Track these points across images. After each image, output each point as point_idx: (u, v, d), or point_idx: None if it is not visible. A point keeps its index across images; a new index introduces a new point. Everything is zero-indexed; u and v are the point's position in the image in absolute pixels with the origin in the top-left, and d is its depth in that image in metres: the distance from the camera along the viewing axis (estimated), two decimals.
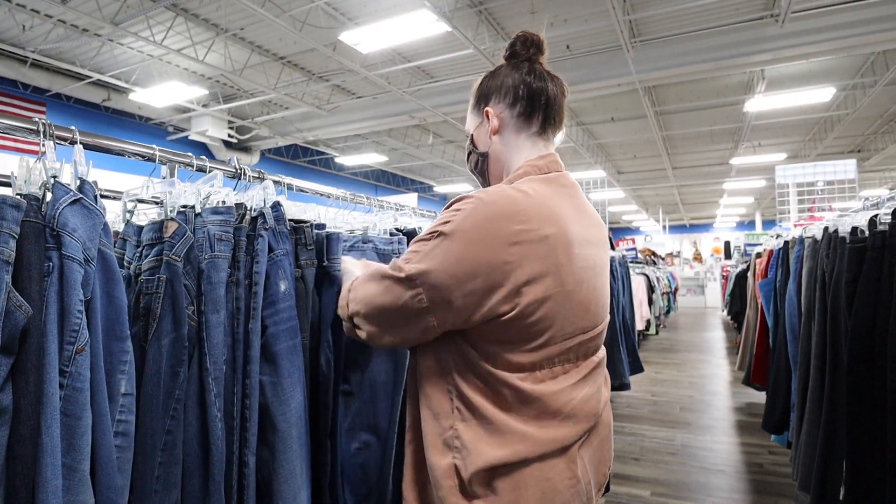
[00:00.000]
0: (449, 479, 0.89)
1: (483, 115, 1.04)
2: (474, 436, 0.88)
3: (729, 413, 4.68)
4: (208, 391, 0.98)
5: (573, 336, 0.92)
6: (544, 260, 0.86)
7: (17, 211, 0.77)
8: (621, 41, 6.05)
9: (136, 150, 1.10)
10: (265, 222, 1.11)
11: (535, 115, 1.01)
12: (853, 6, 5.52)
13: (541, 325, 0.87)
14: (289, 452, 1.07)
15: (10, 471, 0.72)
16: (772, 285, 2.99)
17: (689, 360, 7.23)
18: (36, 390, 0.74)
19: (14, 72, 6.87)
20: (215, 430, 0.98)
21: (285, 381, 1.08)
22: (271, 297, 1.10)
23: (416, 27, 5.38)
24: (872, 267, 1.51)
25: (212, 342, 1.00)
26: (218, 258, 1.04)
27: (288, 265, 1.15)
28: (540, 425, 0.89)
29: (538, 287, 0.86)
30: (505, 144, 1.03)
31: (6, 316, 0.72)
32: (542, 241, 0.86)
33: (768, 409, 2.80)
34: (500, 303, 0.85)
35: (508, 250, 0.84)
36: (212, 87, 8.14)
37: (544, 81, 1.01)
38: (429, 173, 14.98)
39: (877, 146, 11.18)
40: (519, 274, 0.85)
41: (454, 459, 0.89)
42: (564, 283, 0.89)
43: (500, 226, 0.85)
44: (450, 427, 0.90)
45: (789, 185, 5.65)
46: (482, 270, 0.85)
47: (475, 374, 0.90)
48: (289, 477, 1.07)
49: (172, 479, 0.94)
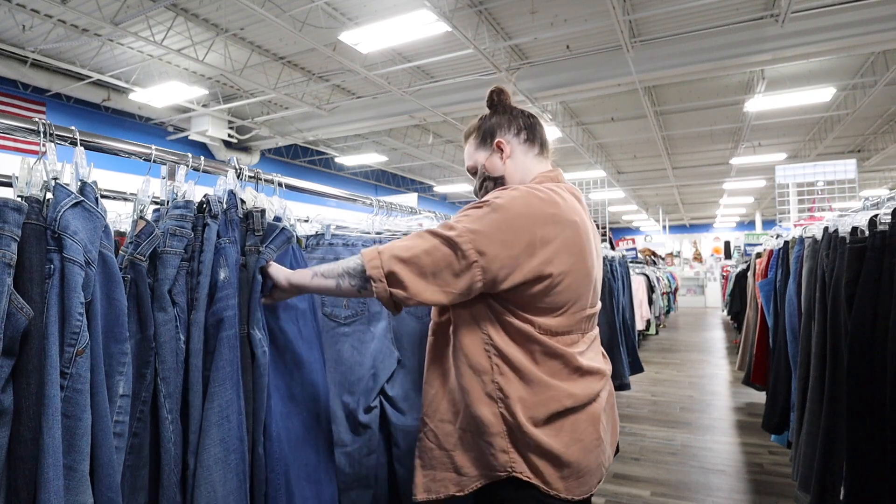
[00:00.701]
0: (496, 426, 1.07)
1: (494, 146, 1.27)
2: (513, 388, 1.07)
3: (729, 413, 4.68)
4: (158, 392, 0.96)
5: (583, 309, 1.15)
6: (572, 240, 1.10)
7: (18, 214, 0.77)
8: (621, 41, 6.05)
9: (136, 150, 1.10)
10: (210, 210, 1.08)
11: (535, 140, 1.29)
12: (853, 6, 5.51)
13: (565, 295, 1.09)
14: (205, 454, 0.98)
15: (11, 471, 0.73)
16: (772, 285, 2.99)
17: (689, 360, 7.23)
18: (37, 392, 0.74)
19: (14, 72, 6.87)
20: (166, 432, 0.96)
21: (214, 375, 1.01)
22: (212, 288, 1.05)
23: (416, 27, 5.37)
24: (872, 267, 1.51)
25: (159, 341, 0.96)
26: (167, 254, 1.01)
27: (234, 253, 1.11)
28: (567, 380, 1.10)
29: (566, 260, 1.08)
30: (517, 165, 1.26)
31: (7, 318, 0.72)
32: (571, 224, 1.10)
33: (768, 409, 2.80)
34: (537, 268, 1.05)
35: (545, 227, 1.07)
36: (212, 87, 8.14)
37: (532, 117, 1.31)
38: (429, 173, 14.97)
39: (877, 146, 11.17)
40: (551, 247, 1.07)
41: (500, 409, 1.07)
42: (585, 261, 1.12)
43: (540, 208, 1.08)
44: (491, 381, 1.08)
45: (789, 185, 5.65)
46: (523, 239, 1.05)
47: (510, 335, 1.09)
48: (202, 482, 0.97)
49: (140, 481, 0.93)
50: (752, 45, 5.98)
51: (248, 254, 1.14)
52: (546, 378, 1.07)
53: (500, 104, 1.31)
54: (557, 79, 7.13)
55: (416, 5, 5.01)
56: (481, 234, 1.04)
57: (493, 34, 6.39)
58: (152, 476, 0.96)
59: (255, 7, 5.29)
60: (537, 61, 7.31)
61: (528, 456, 1.06)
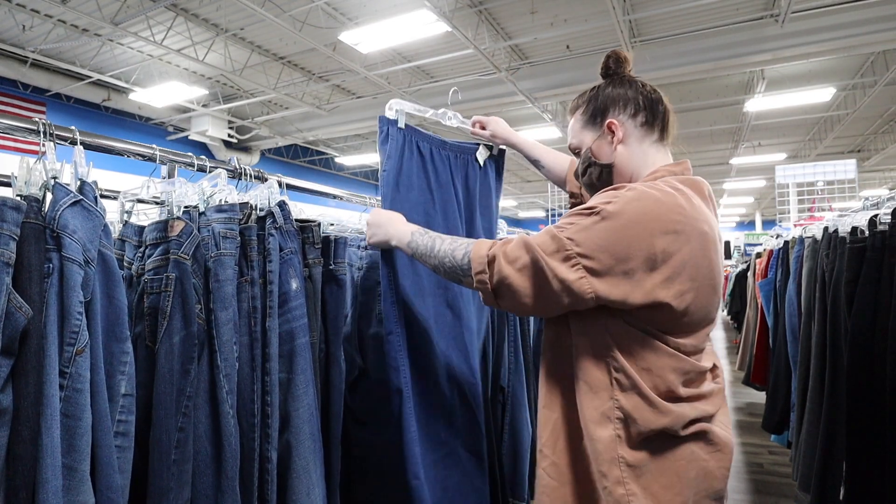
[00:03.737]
0: (611, 451, 0.92)
1: (604, 127, 1.07)
2: (634, 406, 0.91)
3: (729, 413, 4.67)
4: (219, 388, 0.99)
5: (709, 325, 0.98)
6: (700, 252, 0.91)
7: (17, 213, 0.77)
8: (621, 41, 6.05)
9: (136, 150, 1.10)
10: (275, 221, 1.13)
11: (655, 124, 1.06)
12: (853, 6, 5.51)
13: (694, 315, 0.92)
14: (301, 448, 1.09)
15: (10, 471, 0.72)
16: (772, 285, 2.99)
17: None
18: (36, 391, 0.74)
19: (14, 72, 6.87)
20: (228, 426, 0.99)
21: (299, 378, 1.10)
22: (284, 296, 1.11)
23: (415, 27, 5.37)
24: (872, 267, 1.51)
25: (222, 339, 1.01)
26: (224, 255, 1.05)
27: (297, 263, 1.16)
28: (690, 400, 0.94)
29: (692, 275, 0.90)
30: (631, 153, 1.06)
31: (6, 317, 0.72)
32: (700, 235, 0.92)
33: (768, 409, 2.80)
34: (659, 287, 0.88)
35: (665, 238, 0.88)
36: (212, 87, 8.14)
37: (657, 93, 1.08)
38: None
39: (877, 146, 11.17)
40: (675, 262, 0.89)
41: (615, 431, 0.92)
42: (712, 276, 0.94)
43: (660, 214, 0.89)
44: (609, 398, 0.93)
45: (789, 185, 5.64)
46: (639, 253, 0.88)
47: (633, 352, 0.93)
48: (302, 473, 1.08)
49: (185, 476, 0.95)
50: (752, 45, 5.98)
51: (311, 266, 1.22)
52: (667, 402, 0.92)
53: (618, 74, 1.10)
54: (557, 79, 7.13)
55: (416, 5, 5.01)
56: (587, 245, 0.89)
57: (493, 34, 6.39)
58: (199, 470, 0.98)
59: (255, 7, 5.29)
60: (537, 61, 7.31)
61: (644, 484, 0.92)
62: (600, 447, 0.92)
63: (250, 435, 1.03)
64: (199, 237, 1.02)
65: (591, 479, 0.95)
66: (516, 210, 20.72)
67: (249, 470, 1.02)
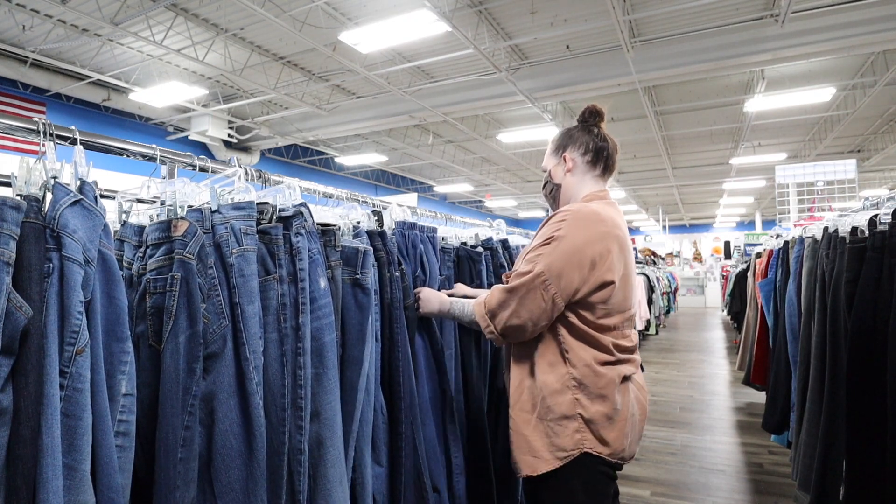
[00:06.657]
0: (572, 410, 1.29)
1: (562, 158, 1.49)
2: (583, 375, 1.30)
3: (729, 413, 4.67)
4: (249, 380, 1.00)
5: (630, 308, 1.38)
6: (621, 251, 1.33)
7: (17, 212, 0.77)
8: (621, 41, 6.05)
9: (136, 150, 1.10)
10: (303, 222, 1.16)
11: (598, 163, 1.47)
12: (853, 6, 5.51)
13: (620, 296, 1.32)
14: (334, 439, 1.14)
15: (10, 471, 0.72)
16: (772, 285, 2.99)
17: (688, 360, 7.23)
18: (36, 391, 0.74)
19: (14, 72, 6.87)
20: (258, 417, 1.00)
21: (330, 372, 1.16)
22: (313, 294, 1.16)
23: (416, 27, 5.37)
24: (872, 267, 1.51)
25: (249, 332, 1.03)
26: (247, 251, 1.06)
27: (323, 263, 1.21)
28: (620, 363, 1.33)
29: (620, 267, 1.32)
30: (575, 181, 1.48)
31: (6, 317, 0.72)
32: (618, 238, 1.33)
33: (768, 409, 2.80)
34: (601, 275, 1.29)
35: (602, 241, 1.30)
36: (212, 87, 8.14)
37: (606, 142, 1.48)
38: (429, 173, 14.97)
39: (877, 146, 11.17)
40: (610, 258, 1.30)
41: (573, 395, 1.29)
42: (629, 268, 1.36)
43: (593, 226, 1.31)
44: (565, 373, 1.31)
45: (789, 185, 5.65)
46: (587, 255, 1.28)
47: (579, 336, 1.31)
48: (336, 463, 1.13)
49: (191, 474, 0.95)
50: (752, 45, 5.98)
51: (333, 267, 1.28)
52: (605, 369, 1.30)
53: (585, 123, 1.50)
54: (557, 79, 7.13)
55: (416, 5, 5.01)
56: (553, 265, 1.27)
57: (493, 34, 6.39)
58: (226, 464, 0.99)
59: (255, 7, 5.29)
60: (537, 61, 7.31)
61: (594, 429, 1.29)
62: (564, 409, 1.29)
63: (280, 429, 1.06)
64: (203, 237, 1.02)
65: (547, 431, 1.31)
66: (516, 210, 20.72)
67: (278, 463, 1.04)
